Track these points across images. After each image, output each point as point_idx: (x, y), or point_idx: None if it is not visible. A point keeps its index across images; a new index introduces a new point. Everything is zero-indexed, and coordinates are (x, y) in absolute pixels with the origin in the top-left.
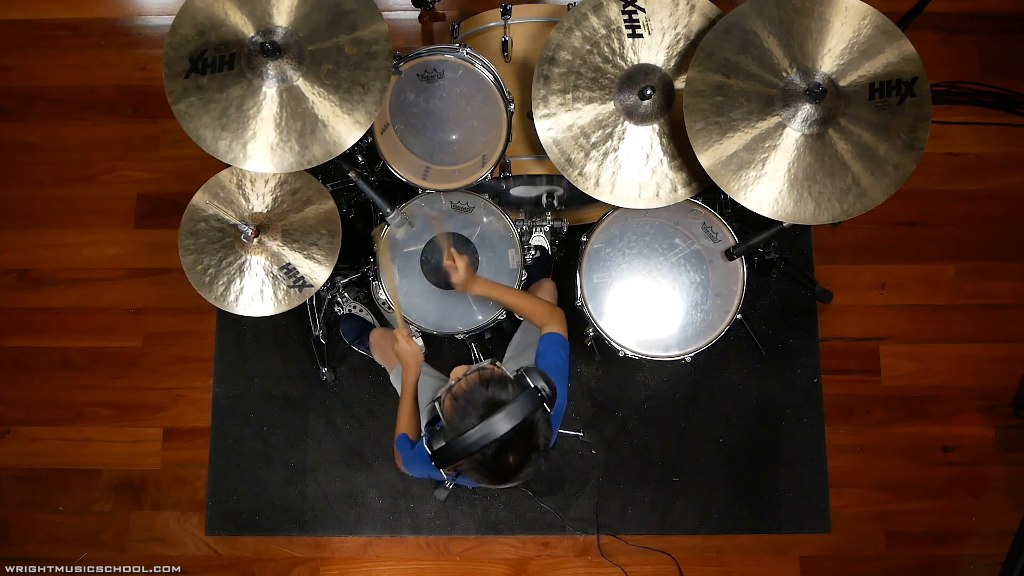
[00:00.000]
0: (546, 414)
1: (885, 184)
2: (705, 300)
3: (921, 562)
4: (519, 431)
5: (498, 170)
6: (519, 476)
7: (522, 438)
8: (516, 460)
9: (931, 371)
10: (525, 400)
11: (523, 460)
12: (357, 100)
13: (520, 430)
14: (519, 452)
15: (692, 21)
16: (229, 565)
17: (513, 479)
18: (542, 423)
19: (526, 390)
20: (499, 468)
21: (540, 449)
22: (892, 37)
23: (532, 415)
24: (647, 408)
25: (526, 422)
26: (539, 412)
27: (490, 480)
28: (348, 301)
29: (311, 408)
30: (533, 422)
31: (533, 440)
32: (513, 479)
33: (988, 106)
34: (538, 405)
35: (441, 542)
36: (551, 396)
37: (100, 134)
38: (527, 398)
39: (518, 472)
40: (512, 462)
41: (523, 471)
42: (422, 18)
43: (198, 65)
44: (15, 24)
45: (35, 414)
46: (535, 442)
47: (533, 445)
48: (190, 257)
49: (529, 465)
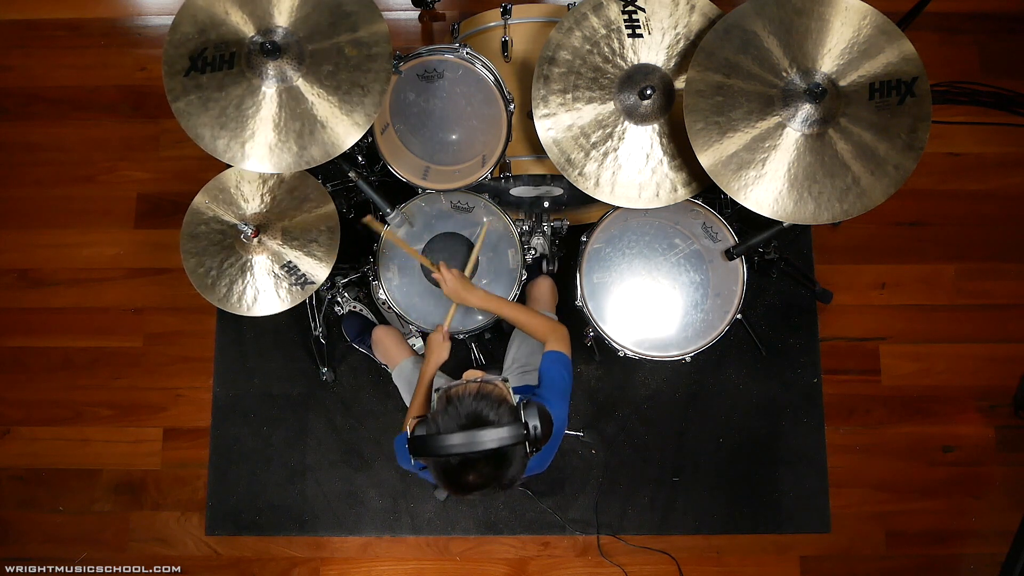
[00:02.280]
0: (524, 452)
1: (885, 184)
2: (705, 300)
3: (921, 562)
4: (490, 456)
5: (498, 170)
6: (473, 493)
7: (489, 464)
8: (476, 480)
9: (931, 371)
10: (509, 430)
11: (482, 483)
12: (356, 102)
13: (491, 455)
14: (481, 475)
15: (692, 21)
16: (229, 565)
17: (466, 493)
18: (517, 459)
19: (516, 422)
20: (456, 479)
21: (503, 482)
22: (892, 37)
23: (509, 448)
24: (647, 408)
25: (500, 451)
26: (518, 447)
27: (444, 484)
28: (348, 301)
29: (311, 408)
30: (507, 454)
31: (500, 471)
32: (466, 493)
33: (988, 106)
34: (519, 441)
35: (441, 542)
36: (539, 438)
37: (100, 134)
38: (512, 430)
39: (473, 490)
40: (471, 480)
41: (479, 491)
42: (422, 18)
43: (198, 63)
44: (15, 24)
45: (35, 414)
46: (501, 473)
47: (497, 476)
48: (192, 260)
49: (487, 488)
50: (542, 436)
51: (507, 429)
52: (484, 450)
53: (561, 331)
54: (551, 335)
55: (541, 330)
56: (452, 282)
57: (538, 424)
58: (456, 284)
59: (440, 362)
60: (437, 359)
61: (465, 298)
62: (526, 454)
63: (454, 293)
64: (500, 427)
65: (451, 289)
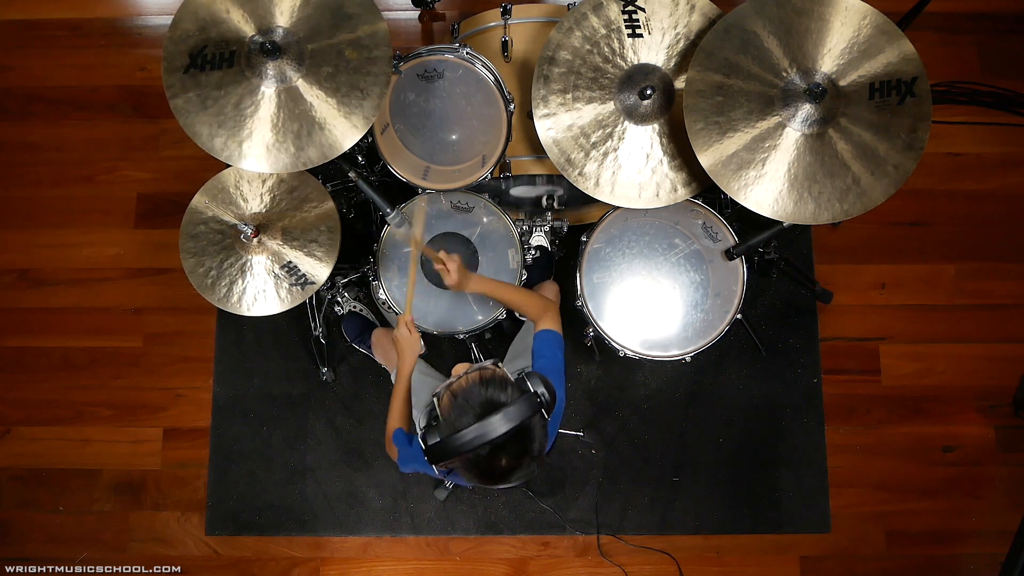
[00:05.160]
0: (543, 420)
1: (885, 184)
2: (705, 300)
3: (921, 562)
4: (514, 435)
5: (498, 170)
6: (511, 479)
7: (516, 442)
8: (509, 463)
9: (931, 371)
10: (523, 404)
11: (515, 464)
12: (355, 105)
13: (515, 434)
14: (512, 456)
15: (692, 21)
16: (229, 565)
17: (504, 481)
18: (538, 428)
19: (525, 394)
20: (491, 469)
21: (533, 455)
22: (892, 37)
23: (529, 420)
24: (647, 408)
25: (522, 426)
26: (536, 417)
27: (481, 480)
28: (348, 301)
29: (311, 408)
30: (529, 427)
31: (527, 445)
32: (504, 481)
33: (988, 106)
34: (536, 410)
35: (441, 542)
36: (550, 402)
37: (100, 134)
38: (525, 402)
39: (510, 475)
40: (504, 465)
41: (515, 474)
42: (422, 18)
43: (197, 61)
44: (15, 24)
45: (35, 414)
46: (529, 447)
47: (527, 450)
48: (191, 260)
49: (521, 469)
50: (551, 400)
51: (521, 402)
52: (508, 431)
53: (553, 309)
54: (544, 313)
55: (535, 310)
56: (456, 272)
57: (543, 390)
58: (459, 274)
59: (415, 356)
60: (412, 354)
61: (465, 285)
62: (544, 421)
63: (456, 283)
64: (514, 404)
65: (454, 280)
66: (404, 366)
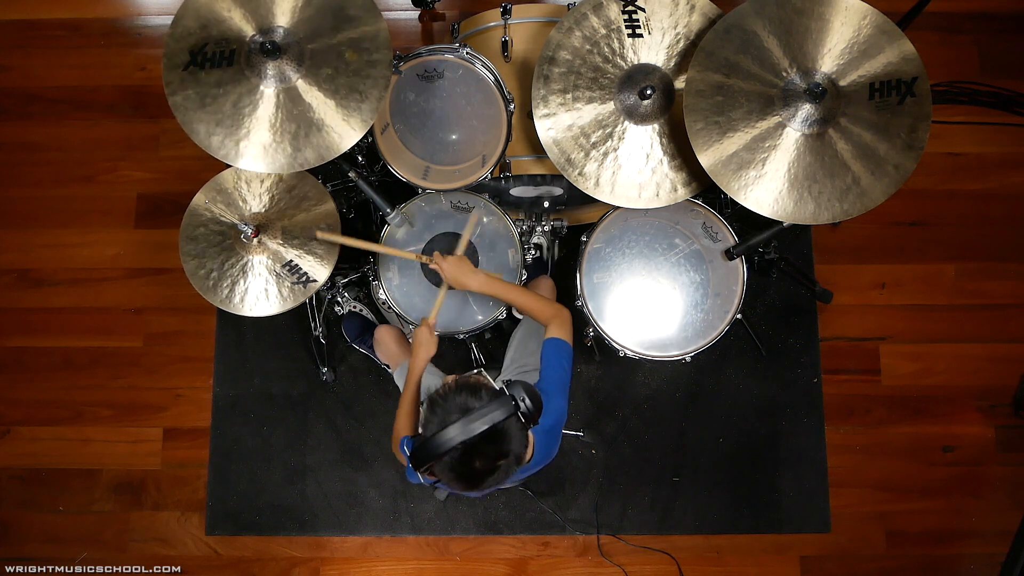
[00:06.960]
0: (521, 424)
1: (885, 184)
2: (705, 300)
3: (921, 562)
4: (487, 436)
5: (498, 170)
6: (487, 482)
7: (490, 443)
8: (483, 465)
9: (931, 371)
10: (495, 406)
11: (490, 466)
12: (354, 107)
13: (488, 435)
14: (486, 458)
15: (692, 21)
16: (229, 565)
17: (482, 485)
18: (514, 431)
19: (499, 398)
20: (466, 472)
21: (509, 456)
22: (892, 37)
23: (502, 422)
24: (647, 408)
25: (495, 428)
26: (510, 419)
27: (460, 484)
28: (348, 301)
29: (311, 408)
30: (503, 429)
31: (501, 447)
32: (482, 485)
33: (988, 106)
34: (510, 412)
35: (441, 542)
36: (531, 411)
37: (100, 134)
38: (498, 405)
39: (485, 478)
40: (479, 467)
41: (491, 477)
42: (422, 18)
43: (197, 58)
44: (15, 24)
45: (35, 414)
46: (503, 449)
47: (501, 452)
48: (192, 262)
49: (497, 472)
50: (533, 408)
51: (493, 405)
52: (480, 433)
53: (564, 315)
54: (553, 319)
55: (544, 314)
56: (451, 268)
57: (524, 397)
58: (455, 269)
59: (428, 357)
60: (425, 354)
61: (466, 283)
62: (523, 426)
63: (454, 279)
64: (486, 407)
65: (451, 275)
66: (417, 362)
